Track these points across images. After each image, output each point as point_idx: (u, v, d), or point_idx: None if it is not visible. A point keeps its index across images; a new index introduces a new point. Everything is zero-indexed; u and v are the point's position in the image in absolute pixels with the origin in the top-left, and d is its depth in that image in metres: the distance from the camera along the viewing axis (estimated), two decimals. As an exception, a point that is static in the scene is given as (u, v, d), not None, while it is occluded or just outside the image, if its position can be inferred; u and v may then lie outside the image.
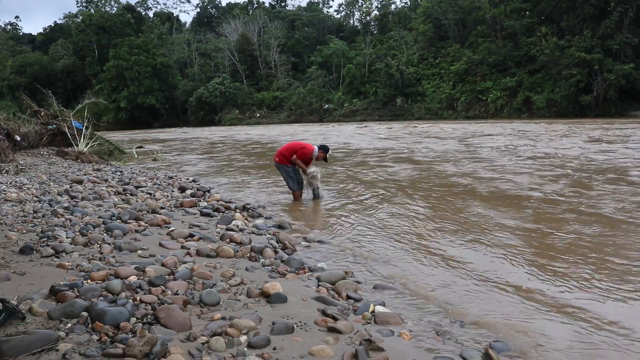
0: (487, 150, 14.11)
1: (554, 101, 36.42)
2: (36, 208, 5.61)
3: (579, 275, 3.75)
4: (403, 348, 2.56)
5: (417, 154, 14.15)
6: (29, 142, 14.17)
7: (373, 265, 4.19)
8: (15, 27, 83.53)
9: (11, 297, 2.75)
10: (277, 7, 74.81)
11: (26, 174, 9.19)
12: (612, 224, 5.26)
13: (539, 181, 8.22)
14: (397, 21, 57.80)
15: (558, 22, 38.68)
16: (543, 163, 10.79)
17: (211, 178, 10.61)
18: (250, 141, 23.52)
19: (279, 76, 57.84)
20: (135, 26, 66.16)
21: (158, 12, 77.73)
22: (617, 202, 6.30)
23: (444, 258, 4.32)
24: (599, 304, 3.22)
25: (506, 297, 3.38)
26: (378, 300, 3.29)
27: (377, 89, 47.62)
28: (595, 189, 7.32)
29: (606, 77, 33.08)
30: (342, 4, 67.87)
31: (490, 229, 5.24)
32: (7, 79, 60.47)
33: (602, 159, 11.06)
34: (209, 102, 54.98)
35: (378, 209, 6.55)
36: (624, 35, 33.56)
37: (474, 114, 41.35)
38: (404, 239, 5.04)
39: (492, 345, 2.59)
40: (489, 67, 42.20)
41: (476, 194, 7.45)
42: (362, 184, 8.81)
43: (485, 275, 3.84)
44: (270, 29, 60.42)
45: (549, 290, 3.47)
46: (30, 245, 3.84)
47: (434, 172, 10.06)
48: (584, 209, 6.00)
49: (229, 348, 2.39)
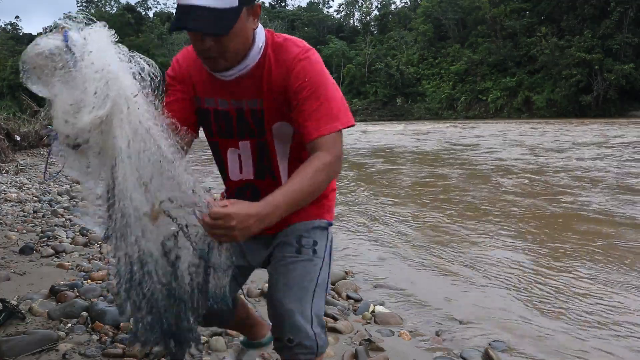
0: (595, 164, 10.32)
1: (554, 101, 36.43)
2: (36, 208, 5.61)
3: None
4: (403, 348, 2.56)
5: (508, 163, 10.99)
6: (29, 142, 14.18)
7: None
8: (15, 27, 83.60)
9: (11, 297, 2.75)
10: (277, 7, 74.79)
11: (26, 174, 9.19)
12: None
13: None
14: (397, 21, 57.86)
15: (558, 22, 38.70)
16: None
17: (212, 177, 10.60)
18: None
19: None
20: (135, 26, 66.22)
21: (158, 12, 77.84)
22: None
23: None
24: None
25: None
26: (378, 300, 3.29)
27: (377, 89, 47.67)
28: None
29: (606, 77, 33.10)
30: (342, 4, 68.01)
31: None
32: (7, 79, 60.46)
33: None
34: (209, 102, 55.03)
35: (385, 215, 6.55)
36: (624, 35, 33.59)
37: (474, 114, 41.37)
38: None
39: (492, 345, 2.59)
40: (489, 67, 42.24)
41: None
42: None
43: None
44: (270, 29, 60.45)
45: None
46: (30, 245, 3.84)
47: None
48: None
49: (229, 348, 2.39)
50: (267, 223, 1.13)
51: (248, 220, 1.09)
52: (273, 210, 1.13)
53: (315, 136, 1.25)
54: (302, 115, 1.27)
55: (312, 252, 1.43)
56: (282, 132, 1.38)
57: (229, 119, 1.39)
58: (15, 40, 75.90)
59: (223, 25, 1.14)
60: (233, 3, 1.15)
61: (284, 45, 1.33)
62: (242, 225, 1.09)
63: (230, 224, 1.08)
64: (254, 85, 1.33)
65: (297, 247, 1.43)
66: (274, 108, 1.34)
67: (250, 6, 1.22)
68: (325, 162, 1.23)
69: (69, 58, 1.03)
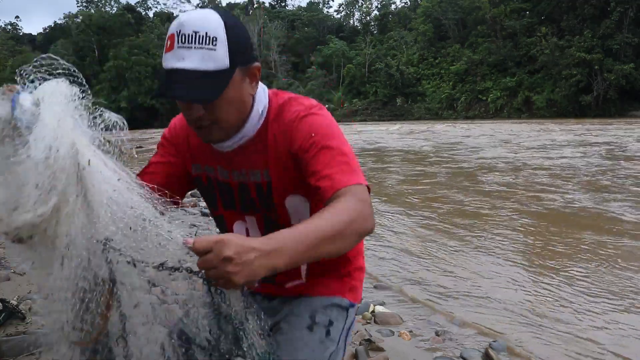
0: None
1: (554, 101, 36.46)
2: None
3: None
4: (403, 348, 2.57)
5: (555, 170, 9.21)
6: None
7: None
8: (15, 27, 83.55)
9: (11, 297, 2.76)
10: (277, 7, 74.85)
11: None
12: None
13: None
14: (397, 21, 57.89)
15: (558, 22, 38.72)
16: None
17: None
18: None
19: (279, 76, 57.88)
20: (135, 26, 66.22)
21: (158, 12, 77.80)
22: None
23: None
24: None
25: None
26: (378, 300, 3.29)
27: (377, 89, 47.69)
28: None
29: (606, 77, 33.12)
30: (342, 4, 68.04)
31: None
32: (7, 79, 60.32)
33: None
34: (209, 102, 55.07)
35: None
36: (624, 35, 33.60)
37: (474, 114, 41.40)
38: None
39: (492, 345, 2.59)
40: (489, 67, 42.26)
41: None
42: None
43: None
44: (270, 29, 60.49)
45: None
46: (30, 245, 3.83)
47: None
48: None
49: (229, 348, 2.38)
50: (273, 265, 0.84)
51: (248, 254, 0.81)
52: (279, 247, 0.85)
53: (337, 188, 1.00)
54: (317, 172, 1.04)
55: (326, 333, 1.18)
56: (296, 206, 1.18)
57: (230, 191, 1.22)
58: (15, 40, 75.92)
59: (211, 90, 0.98)
60: (224, 64, 0.98)
61: (287, 105, 1.14)
62: (242, 259, 0.81)
63: (224, 254, 0.80)
64: (257, 155, 1.14)
65: (310, 323, 1.18)
66: (285, 179, 1.14)
67: (246, 67, 1.04)
68: (351, 203, 0.96)
69: (12, 133, 0.81)
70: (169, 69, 0.99)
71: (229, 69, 1.00)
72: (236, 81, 1.03)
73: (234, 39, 0.99)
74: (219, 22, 0.98)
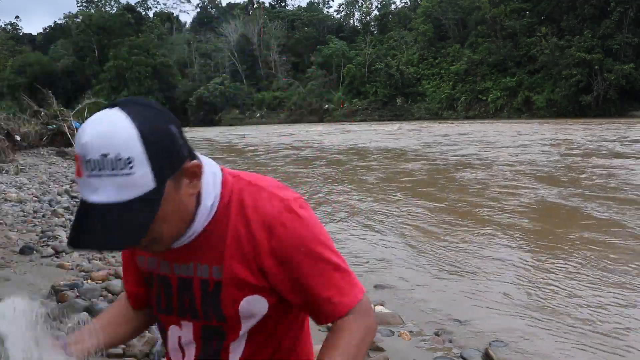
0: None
1: (554, 101, 36.47)
2: (36, 208, 5.61)
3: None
4: (403, 348, 2.56)
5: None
6: (29, 142, 14.20)
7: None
8: (15, 27, 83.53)
9: (11, 297, 2.75)
10: (277, 7, 74.82)
11: (26, 174, 9.19)
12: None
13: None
14: (397, 21, 57.85)
15: (558, 22, 38.72)
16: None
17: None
18: (246, 144, 23.47)
19: (279, 76, 57.89)
20: (135, 26, 66.20)
21: (158, 12, 77.87)
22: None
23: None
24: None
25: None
26: (378, 300, 3.29)
27: (377, 89, 47.69)
28: None
29: (606, 77, 33.13)
30: (342, 4, 67.98)
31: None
32: (7, 79, 60.49)
33: None
34: (209, 102, 55.07)
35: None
36: (624, 35, 33.62)
37: (474, 114, 41.41)
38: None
39: (492, 345, 2.59)
40: (489, 67, 42.26)
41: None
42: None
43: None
44: (270, 29, 60.50)
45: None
46: (30, 245, 3.84)
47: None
48: None
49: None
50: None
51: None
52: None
53: (343, 313, 0.94)
54: (315, 293, 0.93)
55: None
56: (253, 308, 0.97)
57: (168, 286, 1.00)
58: (15, 40, 75.91)
59: (138, 226, 0.77)
60: (148, 187, 0.76)
61: (257, 195, 0.93)
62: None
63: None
64: (210, 249, 0.94)
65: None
66: (240, 280, 0.93)
67: (179, 173, 0.82)
68: (362, 325, 0.95)
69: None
70: (85, 202, 0.78)
71: (155, 189, 0.78)
72: (169, 195, 0.81)
73: (155, 150, 0.76)
74: (131, 133, 0.75)
